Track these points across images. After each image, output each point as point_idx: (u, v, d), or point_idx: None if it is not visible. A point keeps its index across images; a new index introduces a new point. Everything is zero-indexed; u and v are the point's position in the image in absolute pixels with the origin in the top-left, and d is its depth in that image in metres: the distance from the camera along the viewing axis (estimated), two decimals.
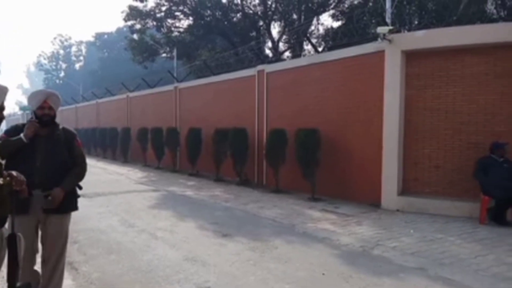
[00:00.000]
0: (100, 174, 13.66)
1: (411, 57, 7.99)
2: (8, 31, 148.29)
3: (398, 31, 9.12)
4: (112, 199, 9.06)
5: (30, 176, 2.74)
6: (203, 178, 12.78)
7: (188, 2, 24.35)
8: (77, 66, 65.50)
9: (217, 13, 24.24)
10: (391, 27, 8.07)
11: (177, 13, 25.09)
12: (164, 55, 27.73)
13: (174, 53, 23.39)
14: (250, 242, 5.69)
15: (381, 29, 7.96)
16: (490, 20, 18.51)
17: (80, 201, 3.54)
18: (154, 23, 25.15)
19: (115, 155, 19.57)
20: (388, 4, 8.89)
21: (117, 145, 19.11)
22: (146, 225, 6.68)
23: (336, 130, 9.23)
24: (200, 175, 13.26)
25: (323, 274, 4.47)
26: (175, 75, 17.89)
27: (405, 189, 8.11)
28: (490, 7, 20.12)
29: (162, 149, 15.17)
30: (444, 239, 5.85)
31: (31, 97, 3.36)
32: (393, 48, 7.99)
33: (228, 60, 15.57)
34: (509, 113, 7.33)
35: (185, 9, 24.72)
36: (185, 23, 25.86)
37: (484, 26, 8.50)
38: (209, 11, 24.24)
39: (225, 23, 24.23)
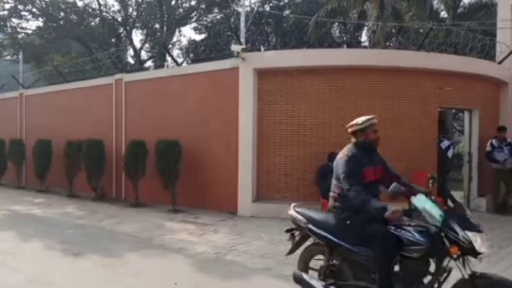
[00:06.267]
0: None
1: (262, 74, 8.68)
2: None
3: (252, 50, 9.82)
4: None
5: None
6: (54, 194, 11.73)
7: (38, 2, 22.21)
8: None
9: (71, 17, 22.62)
10: (244, 46, 8.65)
11: (24, 13, 22.62)
12: (8, 58, 24.67)
13: (20, 57, 20.94)
14: (104, 259, 5.50)
15: (234, 47, 8.49)
16: (334, 42, 21.14)
17: None
18: None
19: None
20: (242, 24, 9.50)
21: None
22: None
23: (197, 141, 9.43)
24: (50, 191, 12.14)
25: (175, 283, 4.58)
26: (20, 80, 16.04)
27: (259, 196, 8.70)
28: (335, 31, 23.01)
29: (4, 163, 13.50)
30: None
31: None
32: (246, 65, 8.58)
33: (84, 67, 14.55)
34: (343, 126, 8.38)
35: (34, 9, 22.47)
36: (33, 24, 23.56)
37: (323, 50, 9.73)
38: (62, 14, 22.47)
39: (81, 27, 22.73)
